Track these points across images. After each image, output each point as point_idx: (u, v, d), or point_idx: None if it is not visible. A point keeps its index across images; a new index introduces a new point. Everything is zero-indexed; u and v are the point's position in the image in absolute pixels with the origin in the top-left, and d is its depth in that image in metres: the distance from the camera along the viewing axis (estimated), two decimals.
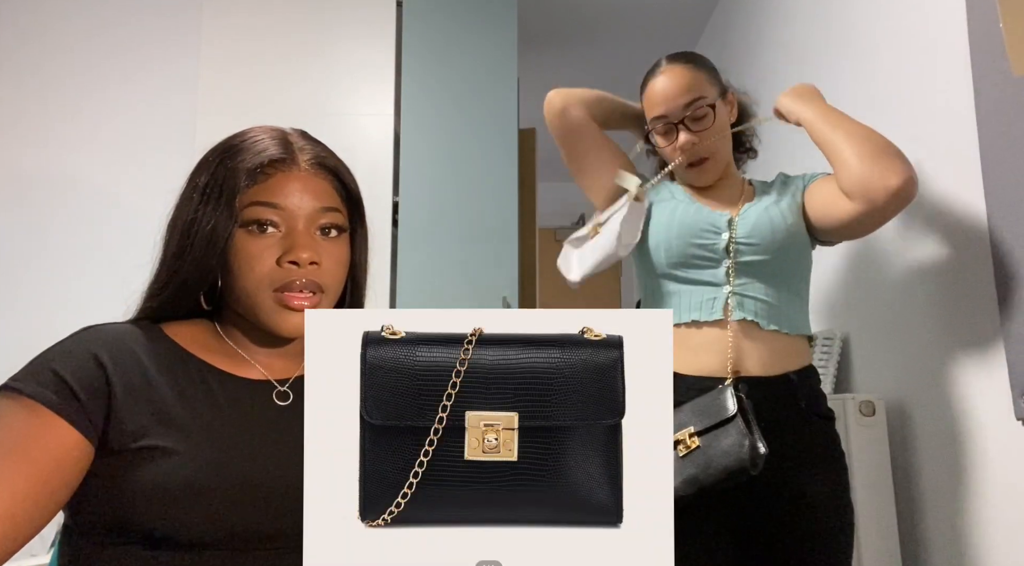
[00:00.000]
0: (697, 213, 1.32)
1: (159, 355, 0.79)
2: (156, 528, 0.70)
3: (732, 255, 1.27)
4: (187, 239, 0.79)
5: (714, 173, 1.35)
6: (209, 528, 0.71)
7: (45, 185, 2.45)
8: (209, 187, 0.80)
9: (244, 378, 0.82)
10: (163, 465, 0.71)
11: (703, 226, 1.30)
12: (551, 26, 3.15)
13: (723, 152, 1.36)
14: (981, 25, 1.26)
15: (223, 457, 0.73)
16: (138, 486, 0.70)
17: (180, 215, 0.82)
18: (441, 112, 2.42)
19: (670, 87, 1.31)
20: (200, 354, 0.82)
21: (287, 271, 0.79)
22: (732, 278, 1.26)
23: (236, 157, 0.81)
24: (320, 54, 2.42)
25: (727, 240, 1.28)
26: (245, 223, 0.79)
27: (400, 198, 2.36)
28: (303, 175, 0.82)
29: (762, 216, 1.29)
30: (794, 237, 1.29)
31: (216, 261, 0.79)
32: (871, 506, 1.48)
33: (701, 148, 1.32)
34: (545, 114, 1.43)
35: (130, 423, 0.72)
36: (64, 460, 0.69)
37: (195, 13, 2.50)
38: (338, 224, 0.84)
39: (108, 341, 0.77)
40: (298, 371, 0.86)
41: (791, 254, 1.29)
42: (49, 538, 1.62)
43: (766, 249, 1.27)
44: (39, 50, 2.52)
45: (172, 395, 0.76)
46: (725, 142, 1.36)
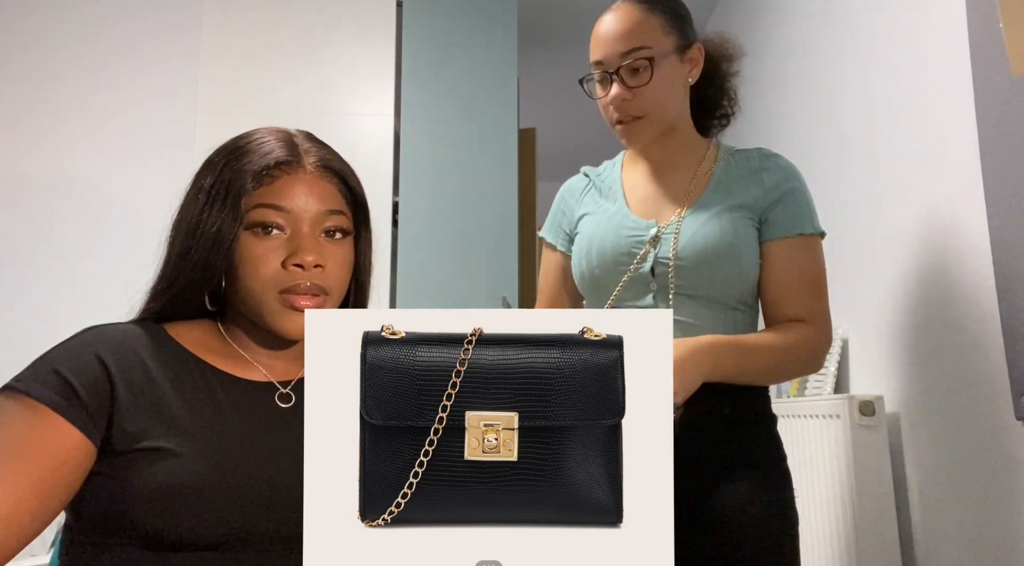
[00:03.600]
0: (620, 224, 1.16)
1: (162, 356, 0.79)
2: (157, 529, 0.70)
3: (657, 278, 1.12)
4: (192, 240, 0.80)
5: (647, 135, 1.16)
6: (211, 530, 0.71)
7: (45, 185, 2.45)
8: (215, 189, 0.80)
9: (247, 380, 0.82)
10: (165, 466, 0.71)
11: (624, 244, 1.14)
12: (551, 26, 3.15)
13: (664, 113, 1.15)
14: (981, 25, 1.26)
15: (225, 459, 0.74)
16: (140, 487, 0.70)
17: (185, 216, 0.82)
18: (441, 112, 2.42)
19: (611, 30, 1.12)
20: (203, 355, 0.82)
21: (292, 274, 0.79)
22: (657, 303, 1.12)
23: (242, 159, 0.81)
24: (320, 54, 2.42)
25: (652, 262, 1.12)
26: (250, 225, 0.80)
27: (400, 198, 2.36)
28: (308, 177, 0.83)
29: (698, 232, 1.11)
30: (733, 255, 1.10)
31: (221, 262, 0.79)
32: (871, 506, 1.48)
33: (633, 105, 1.13)
34: None
35: (133, 424, 0.73)
36: (66, 461, 0.69)
37: (195, 13, 2.50)
38: (343, 227, 0.84)
39: (111, 342, 0.77)
40: (300, 373, 0.86)
41: (730, 271, 1.11)
42: (49, 538, 1.62)
43: (696, 270, 1.10)
44: (39, 50, 2.52)
45: (175, 397, 0.76)
46: (670, 102, 1.15)
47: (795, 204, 1.14)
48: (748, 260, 1.12)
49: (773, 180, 1.15)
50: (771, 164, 1.17)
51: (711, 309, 1.12)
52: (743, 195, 1.14)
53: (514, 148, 2.43)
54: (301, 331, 0.79)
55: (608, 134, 1.27)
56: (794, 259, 1.12)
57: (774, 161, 1.18)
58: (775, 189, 1.14)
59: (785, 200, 1.14)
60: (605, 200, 1.23)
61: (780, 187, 1.14)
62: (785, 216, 1.13)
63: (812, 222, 1.14)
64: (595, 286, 1.18)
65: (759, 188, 1.14)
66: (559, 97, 3.90)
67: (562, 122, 4.21)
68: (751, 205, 1.13)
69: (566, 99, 3.92)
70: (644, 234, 1.14)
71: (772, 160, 1.18)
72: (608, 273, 1.15)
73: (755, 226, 1.13)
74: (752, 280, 1.13)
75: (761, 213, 1.13)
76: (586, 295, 1.23)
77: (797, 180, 1.16)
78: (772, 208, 1.13)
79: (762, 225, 1.14)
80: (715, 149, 1.22)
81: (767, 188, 1.14)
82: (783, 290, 1.13)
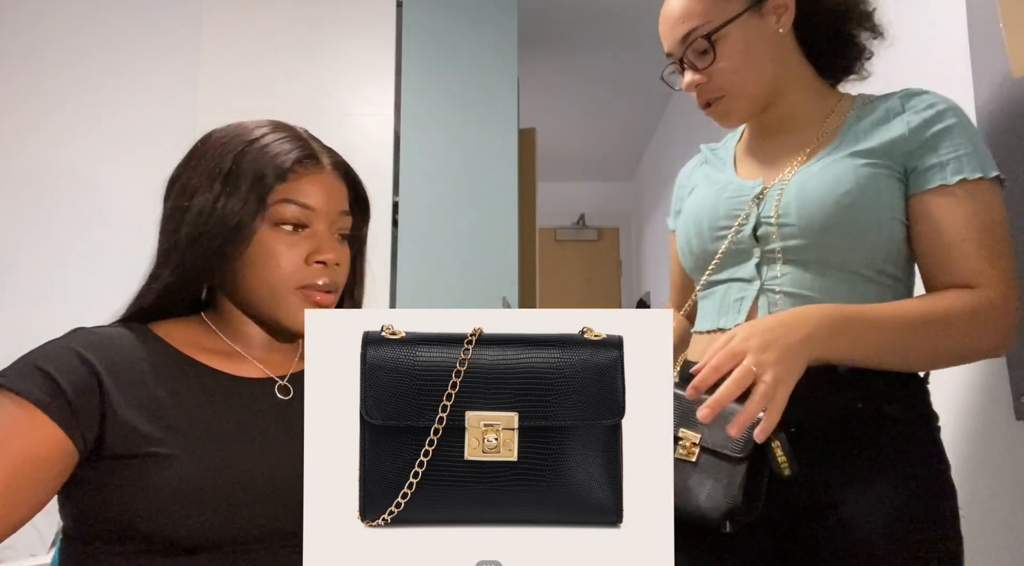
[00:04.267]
0: (722, 190, 1.03)
1: (153, 358, 0.78)
2: (160, 534, 0.69)
3: (761, 242, 0.96)
4: (206, 228, 0.78)
5: (738, 112, 1.03)
6: (211, 532, 0.70)
7: (45, 183, 2.45)
8: (233, 178, 0.79)
9: (243, 377, 0.82)
10: (163, 470, 0.71)
11: (723, 208, 1.01)
12: (551, 26, 3.15)
13: (747, 84, 1.01)
14: (981, 25, 1.26)
15: (223, 460, 0.73)
16: (138, 492, 0.70)
17: (198, 203, 0.80)
18: (441, 112, 2.42)
19: (666, 17, 1.03)
20: (195, 355, 0.81)
21: (314, 271, 0.81)
22: (764, 271, 0.96)
23: (263, 151, 0.81)
24: (320, 54, 2.42)
25: (755, 222, 0.97)
26: (275, 220, 0.80)
27: (400, 198, 2.36)
28: (328, 178, 0.84)
29: (807, 183, 0.94)
30: (854, 208, 0.91)
31: (233, 253, 0.79)
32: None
33: (709, 88, 1.01)
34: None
35: (127, 429, 0.72)
36: (44, 458, 0.68)
37: (196, 12, 2.50)
38: (349, 228, 0.87)
39: (100, 345, 0.76)
40: (297, 367, 0.86)
41: (849, 233, 0.92)
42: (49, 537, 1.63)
43: (805, 230, 0.92)
44: (40, 48, 2.52)
45: (169, 399, 0.75)
46: (750, 70, 1.01)
47: (952, 145, 0.91)
48: (876, 214, 0.91)
49: (919, 119, 0.94)
50: (916, 102, 0.96)
51: (835, 279, 0.93)
52: (877, 140, 0.94)
53: (514, 148, 2.43)
54: None
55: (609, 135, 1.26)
56: (955, 213, 0.89)
57: (920, 98, 0.96)
58: (921, 129, 0.93)
59: (937, 141, 0.92)
60: (716, 172, 1.11)
61: (928, 126, 0.93)
62: (939, 161, 0.91)
63: (981, 164, 0.90)
64: (696, 261, 1.05)
65: (900, 130, 0.94)
66: (559, 97, 3.90)
67: (562, 122, 4.21)
68: (886, 151, 0.93)
69: (566, 99, 3.93)
70: (747, 195, 0.99)
71: (917, 97, 0.96)
72: (706, 243, 1.02)
73: (896, 177, 0.93)
74: (894, 242, 0.93)
75: (905, 160, 0.93)
76: (691, 274, 1.09)
77: (953, 115, 0.93)
78: (920, 153, 0.92)
79: (909, 176, 0.93)
80: (848, 101, 1.04)
81: (911, 129, 0.93)
82: (942, 253, 0.90)
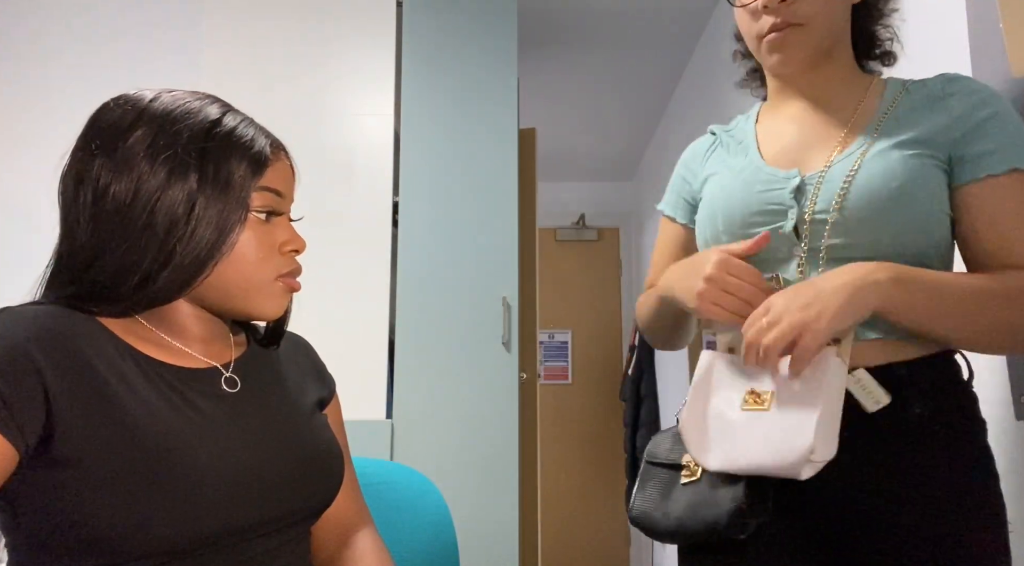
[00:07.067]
0: (752, 179, 0.95)
1: (101, 349, 0.72)
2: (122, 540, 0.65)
3: (804, 239, 0.89)
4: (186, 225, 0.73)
5: (805, 51, 0.94)
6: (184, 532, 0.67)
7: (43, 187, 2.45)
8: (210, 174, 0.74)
9: (190, 368, 0.78)
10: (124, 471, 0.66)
11: (756, 201, 0.93)
12: (551, 26, 3.15)
13: (829, 24, 0.93)
14: (981, 25, 1.26)
15: (187, 455, 0.69)
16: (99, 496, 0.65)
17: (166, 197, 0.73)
18: (441, 112, 2.42)
19: None
20: (139, 346, 0.76)
21: (288, 259, 0.81)
22: (806, 271, 0.89)
23: (234, 140, 0.77)
24: (320, 54, 2.42)
25: (795, 219, 0.90)
26: (256, 209, 0.78)
27: (400, 198, 2.36)
28: (288, 164, 0.84)
29: (858, 177, 0.87)
30: (904, 201, 0.86)
31: (226, 248, 0.75)
32: None
33: (792, 9, 0.91)
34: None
35: (77, 426, 0.66)
36: None
37: (196, 13, 2.50)
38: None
39: (38, 332, 0.68)
40: (233, 354, 0.84)
41: (901, 223, 0.86)
42: None
43: (854, 225, 0.87)
44: (39, 53, 2.52)
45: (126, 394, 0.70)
46: (834, 12, 0.94)
47: (1000, 133, 0.87)
48: (926, 208, 0.87)
49: (963, 106, 0.90)
50: (959, 87, 0.91)
51: None
52: (920, 128, 0.90)
53: (514, 148, 2.42)
54: (282, 312, 0.83)
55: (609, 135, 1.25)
56: (1008, 202, 0.86)
57: (963, 84, 0.92)
58: (967, 117, 0.89)
59: (985, 129, 0.88)
60: (733, 157, 1.03)
61: (974, 114, 0.89)
62: (988, 150, 0.87)
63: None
64: None
65: (943, 118, 0.90)
66: (559, 97, 3.89)
67: (562, 122, 4.21)
68: (932, 140, 0.89)
69: (566, 99, 3.92)
70: (783, 186, 0.93)
71: (959, 83, 0.92)
72: (737, 239, 0.93)
73: (941, 167, 0.89)
74: (937, 235, 0.88)
75: (950, 150, 0.89)
76: None
77: (998, 103, 0.90)
78: (966, 142, 0.88)
79: (954, 166, 0.89)
80: (881, 84, 1.00)
81: (955, 117, 0.89)
82: (998, 242, 0.86)
